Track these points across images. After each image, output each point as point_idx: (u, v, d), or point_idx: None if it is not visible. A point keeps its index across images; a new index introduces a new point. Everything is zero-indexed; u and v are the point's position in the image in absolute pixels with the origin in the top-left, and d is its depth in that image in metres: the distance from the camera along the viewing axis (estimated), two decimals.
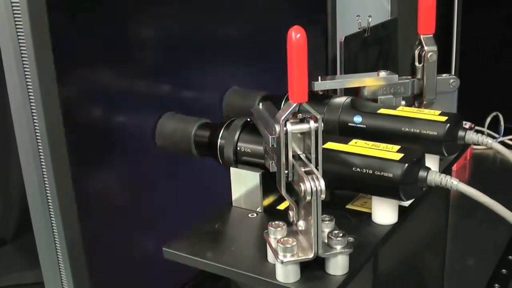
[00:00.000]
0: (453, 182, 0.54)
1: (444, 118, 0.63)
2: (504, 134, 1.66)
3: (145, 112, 0.92)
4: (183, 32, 0.99)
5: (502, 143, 1.48)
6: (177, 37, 0.98)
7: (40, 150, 0.76)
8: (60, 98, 0.77)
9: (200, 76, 1.04)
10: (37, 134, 0.76)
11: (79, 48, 0.81)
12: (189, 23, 1.00)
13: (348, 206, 0.60)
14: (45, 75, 0.75)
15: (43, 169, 0.77)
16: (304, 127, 0.50)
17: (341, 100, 0.67)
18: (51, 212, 0.79)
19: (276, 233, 0.51)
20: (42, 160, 0.77)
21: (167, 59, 0.97)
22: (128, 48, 0.90)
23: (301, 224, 0.51)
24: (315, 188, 0.47)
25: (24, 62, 0.73)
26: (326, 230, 0.50)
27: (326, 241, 0.49)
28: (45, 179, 0.78)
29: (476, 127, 0.78)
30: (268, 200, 0.61)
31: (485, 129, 1.67)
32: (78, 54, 0.81)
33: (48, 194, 0.78)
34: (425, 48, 0.71)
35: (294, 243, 0.49)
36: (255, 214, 0.60)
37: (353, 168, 0.55)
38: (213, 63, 1.06)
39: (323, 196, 0.47)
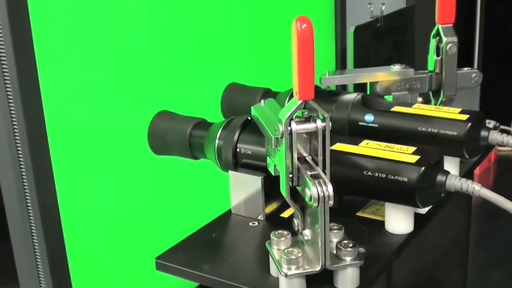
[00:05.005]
0: (475, 187, 0.54)
1: (465, 117, 0.63)
2: None
3: (138, 110, 0.93)
4: (178, 23, 1.00)
5: None
6: (172, 28, 0.99)
7: (20, 154, 0.77)
8: (42, 98, 0.77)
9: (196, 70, 1.04)
10: (16, 137, 0.76)
11: (66, 45, 0.82)
12: (185, 16, 1.01)
13: (359, 214, 0.60)
14: (26, 75, 0.75)
15: (23, 173, 0.77)
16: (310, 126, 0.50)
17: (351, 96, 0.67)
18: (31, 222, 0.79)
19: (279, 243, 0.51)
20: (22, 164, 0.77)
21: (160, 52, 0.97)
22: (122, 44, 0.90)
23: (307, 234, 0.51)
24: (322, 194, 0.47)
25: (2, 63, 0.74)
26: (335, 240, 0.51)
27: (334, 252, 0.50)
28: (25, 186, 0.78)
29: (501, 126, 0.78)
30: (271, 207, 0.61)
31: (511, 129, 1.67)
32: (65, 52, 0.82)
33: (28, 202, 0.78)
34: (444, 39, 0.71)
35: (300, 255, 0.49)
36: (256, 223, 0.60)
37: (364, 172, 0.55)
38: (210, 56, 1.06)
39: (331, 202, 0.47)
